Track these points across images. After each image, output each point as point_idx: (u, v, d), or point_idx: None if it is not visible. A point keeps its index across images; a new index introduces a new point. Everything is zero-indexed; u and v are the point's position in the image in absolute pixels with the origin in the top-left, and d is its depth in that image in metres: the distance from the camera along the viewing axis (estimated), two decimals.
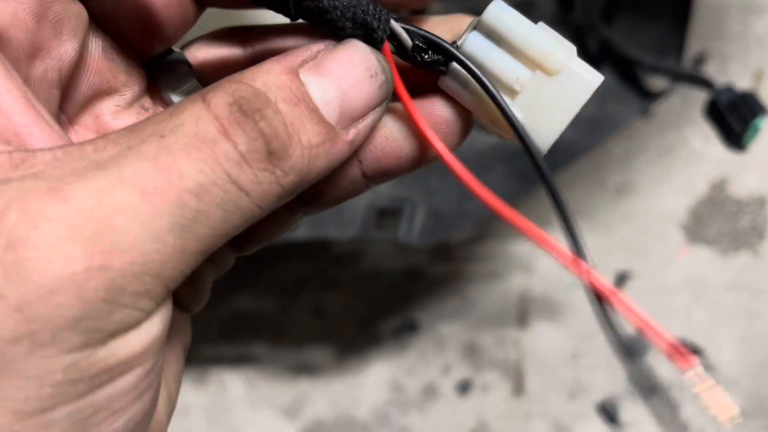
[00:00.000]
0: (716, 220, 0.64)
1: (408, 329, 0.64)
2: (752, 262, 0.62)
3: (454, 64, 0.19)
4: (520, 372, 0.61)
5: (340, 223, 0.45)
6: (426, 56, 0.19)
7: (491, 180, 0.48)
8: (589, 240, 0.65)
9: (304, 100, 0.17)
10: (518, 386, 0.61)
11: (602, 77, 0.19)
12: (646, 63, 0.46)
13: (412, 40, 0.19)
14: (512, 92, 0.19)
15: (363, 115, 0.18)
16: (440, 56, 0.19)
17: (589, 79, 0.19)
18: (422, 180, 0.49)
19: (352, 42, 0.18)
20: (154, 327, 0.15)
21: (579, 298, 0.63)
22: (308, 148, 0.17)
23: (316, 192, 0.20)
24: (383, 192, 0.47)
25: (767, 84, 0.67)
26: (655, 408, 0.58)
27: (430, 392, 0.62)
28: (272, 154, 0.16)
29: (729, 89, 0.43)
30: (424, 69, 0.19)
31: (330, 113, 0.17)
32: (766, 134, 0.66)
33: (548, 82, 0.19)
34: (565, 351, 0.61)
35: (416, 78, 0.20)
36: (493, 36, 0.19)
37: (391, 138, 0.20)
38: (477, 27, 0.19)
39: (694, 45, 0.70)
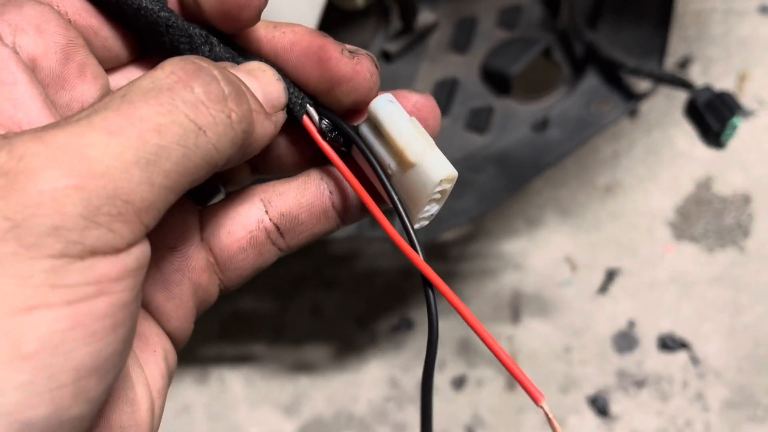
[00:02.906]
0: (702, 218, 0.66)
1: (404, 327, 0.66)
2: (737, 258, 0.64)
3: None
4: None
5: None
6: (333, 135, 0.23)
7: (481, 180, 0.50)
8: (579, 238, 0.66)
9: (239, 80, 0.20)
10: (511, 381, 0.62)
11: (453, 171, 0.21)
12: (628, 65, 0.48)
13: (320, 120, 0.23)
14: (388, 176, 0.22)
15: (279, 105, 0.22)
16: (343, 137, 0.23)
17: (437, 170, 0.21)
18: None
19: (258, 63, 0.22)
20: (129, 259, 0.17)
21: (570, 294, 0.64)
22: (254, 109, 0.20)
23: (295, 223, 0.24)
24: None
25: (751, 85, 0.69)
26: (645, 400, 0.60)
27: None
28: (228, 96, 0.19)
29: (707, 89, 0.45)
30: (332, 145, 0.23)
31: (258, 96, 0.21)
32: (747, 133, 0.67)
33: (407, 173, 0.22)
34: (557, 346, 0.63)
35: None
36: (375, 127, 0.22)
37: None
38: (367, 117, 0.22)
39: (678, 48, 0.72)
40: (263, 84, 0.21)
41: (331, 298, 0.68)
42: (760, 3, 0.73)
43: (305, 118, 0.23)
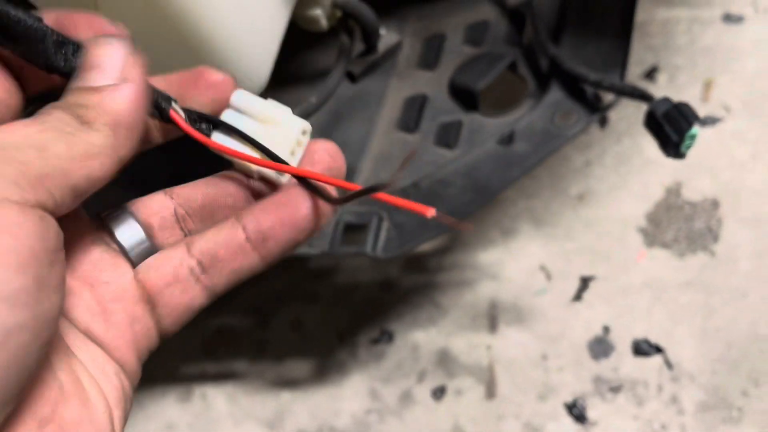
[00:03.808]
0: (673, 223, 0.67)
1: (385, 339, 0.66)
2: (708, 262, 0.65)
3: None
4: (492, 376, 0.63)
5: (309, 240, 0.47)
6: (197, 125, 0.26)
7: (450, 194, 0.51)
8: (553, 246, 0.67)
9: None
10: (491, 390, 0.63)
11: (308, 124, 0.27)
12: (590, 79, 0.49)
13: (186, 114, 0.26)
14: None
15: (123, 64, 0.23)
16: (209, 124, 0.27)
17: (297, 124, 0.27)
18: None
19: (100, 40, 0.24)
20: (54, 225, 0.20)
21: (546, 303, 0.65)
22: (98, 143, 0.22)
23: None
24: (349, 208, 0.50)
25: (716, 92, 0.71)
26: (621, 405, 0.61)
27: (407, 399, 0.64)
28: (80, 119, 0.22)
29: (666, 100, 0.46)
30: (194, 131, 0.26)
31: (98, 81, 0.23)
32: (714, 139, 0.69)
33: (274, 130, 0.27)
34: (535, 354, 0.64)
35: None
36: (239, 111, 0.27)
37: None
38: (229, 107, 0.27)
39: (646, 58, 0.74)
40: (98, 57, 0.23)
41: (311, 313, 0.68)
42: (723, 12, 0.74)
43: (171, 111, 0.25)
